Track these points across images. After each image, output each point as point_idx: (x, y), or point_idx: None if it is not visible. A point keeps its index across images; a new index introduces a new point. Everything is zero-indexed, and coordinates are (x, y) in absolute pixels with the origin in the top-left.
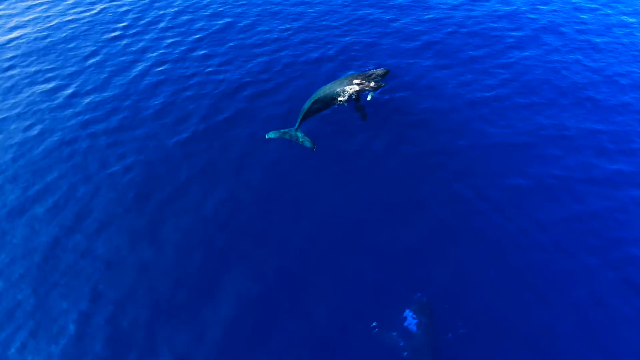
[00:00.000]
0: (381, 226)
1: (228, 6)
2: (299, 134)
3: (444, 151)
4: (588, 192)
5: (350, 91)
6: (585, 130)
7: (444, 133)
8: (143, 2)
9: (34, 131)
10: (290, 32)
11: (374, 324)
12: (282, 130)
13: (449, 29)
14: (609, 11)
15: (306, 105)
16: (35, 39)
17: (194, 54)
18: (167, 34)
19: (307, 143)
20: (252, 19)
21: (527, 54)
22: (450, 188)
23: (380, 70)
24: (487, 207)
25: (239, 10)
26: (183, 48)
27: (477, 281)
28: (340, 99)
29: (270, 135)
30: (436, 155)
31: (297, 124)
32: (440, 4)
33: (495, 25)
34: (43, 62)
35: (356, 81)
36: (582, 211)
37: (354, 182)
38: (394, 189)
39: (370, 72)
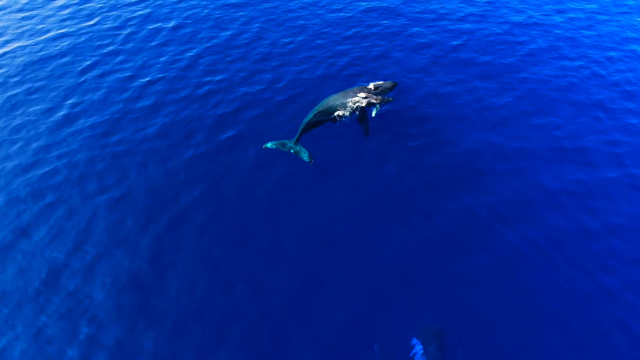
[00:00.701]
0: (390, 245)
1: (228, 18)
2: (298, 147)
3: (455, 167)
4: (605, 209)
5: (355, 105)
6: (602, 146)
7: (454, 148)
8: (141, 14)
9: (28, 150)
10: (292, 45)
11: (376, 346)
12: (280, 142)
13: (458, 41)
14: (622, 21)
15: (307, 118)
16: (30, 51)
17: (194, 68)
18: (166, 47)
19: (305, 156)
20: (254, 32)
21: (539, 67)
22: (463, 206)
23: (388, 84)
24: (501, 226)
25: (239, 22)
26: (183, 62)
27: (490, 305)
28: (343, 112)
29: (269, 145)
30: (447, 172)
31: (296, 136)
32: (447, 14)
33: (506, 37)
34: (38, 76)
35: (362, 94)
36: (598, 230)
37: (360, 200)
38: (403, 208)
39: (377, 85)
